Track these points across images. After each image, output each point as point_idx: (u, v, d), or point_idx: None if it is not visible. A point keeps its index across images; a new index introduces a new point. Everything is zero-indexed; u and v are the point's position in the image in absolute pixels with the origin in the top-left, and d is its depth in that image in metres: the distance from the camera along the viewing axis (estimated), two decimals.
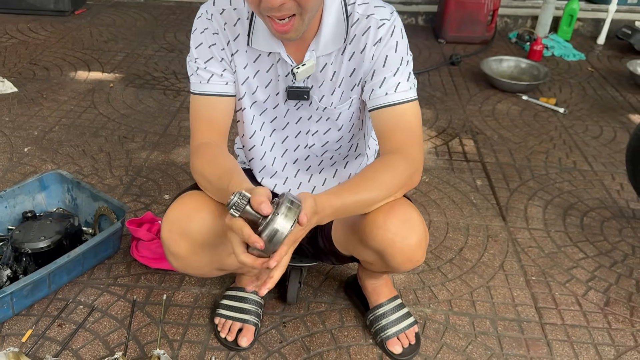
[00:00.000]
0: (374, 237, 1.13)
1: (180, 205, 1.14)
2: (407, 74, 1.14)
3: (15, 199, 1.71)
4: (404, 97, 1.13)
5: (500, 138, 2.51)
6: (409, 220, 1.13)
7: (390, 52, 1.12)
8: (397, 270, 1.21)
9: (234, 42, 1.16)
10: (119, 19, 3.71)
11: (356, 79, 1.17)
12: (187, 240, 1.12)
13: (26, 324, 1.45)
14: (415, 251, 1.15)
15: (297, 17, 1.00)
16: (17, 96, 2.61)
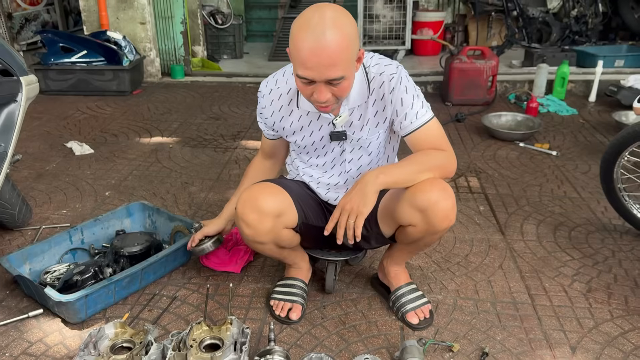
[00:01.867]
0: (421, 198, 1.52)
1: (249, 190, 1.62)
2: (421, 103, 1.57)
3: (109, 222, 2.19)
4: (425, 119, 1.57)
5: (500, 176, 2.93)
6: (446, 189, 1.55)
7: (403, 95, 1.56)
8: (435, 228, 1.57)
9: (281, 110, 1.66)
10: (171, 97, 4.36)
11: (380, 119, 1.62)
12: (256, 212, 1.57)
13: (123, 310, 1.86)
14: (450, 211, 1.56)
15: (335, 103, 1.47)
16: (94, 156, 3.16)
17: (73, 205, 2.58)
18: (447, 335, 1.74)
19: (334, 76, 1.37)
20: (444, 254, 2.21)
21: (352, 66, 1.42)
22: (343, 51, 1.35)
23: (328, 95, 1.41)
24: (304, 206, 1.72)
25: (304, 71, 1.37)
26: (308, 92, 1.43)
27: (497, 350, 1.68)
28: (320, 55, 1.32)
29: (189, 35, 5.09)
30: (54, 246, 2.02)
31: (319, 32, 1.31)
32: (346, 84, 1.42)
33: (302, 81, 1.41)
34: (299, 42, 1.34)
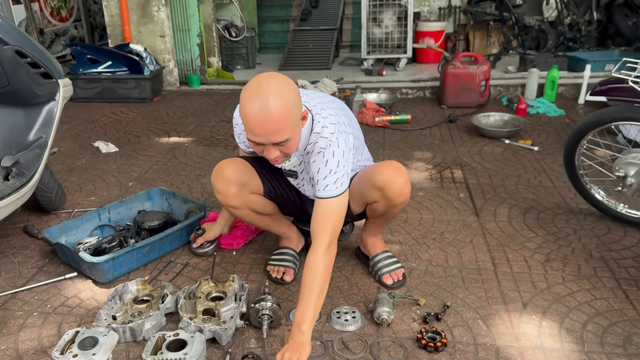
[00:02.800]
0: (379, 178, 1.85)
1: (219, 163, 1.99)
2: (334, 179, 1.70)
3: (132, 204, 2.54)
4: (329, 195, 1.70)
5: (483, 168, 3.23)
6: (399, 169, 1.87)
7: (322, 166, 1.72)
8: (393, 202, 1.88)
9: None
10: (188, 103, 4.74)
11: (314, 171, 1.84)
12: (222, 180, 1.94)
13: (144, 273, 2.20)
14: (404, 187, 1.87)
15: (284, 157, 1.70)
16: (119, 154, 3.54)
17: (101, 193, 2.95)
18: (416, 294, 2.04)
19: (279, 140, 1.56)
20: (422, 231, 2.51)
21: (296, 127, 1.60)
22: (286, 118, 1.52)
23: (277, 153, 1.62)
24: (270, 179, 2.05)
25: (253, 136, 1.56)
26: (259, 150, 1.64)
27: (457, 305, 1.98)
28: (264, 125, 1.51)
29: (204, 47, 5.49)
30: (85, 222, 2.38)
31: (264, 104, 1.49)
32: (292, 143, 1.62)
33: (252, 143, 1.61)
34: (246, 112, 1.52)
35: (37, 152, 2.29)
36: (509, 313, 1.93)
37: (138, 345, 1.80)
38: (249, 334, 1.84)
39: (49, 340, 1.83)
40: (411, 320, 1.90)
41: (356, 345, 1.78)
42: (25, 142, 2.32)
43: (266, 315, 1.81)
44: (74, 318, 1.94)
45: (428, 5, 6.46)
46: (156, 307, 1.89)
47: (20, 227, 2.57)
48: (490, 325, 1.87)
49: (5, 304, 2.02)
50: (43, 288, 2.12)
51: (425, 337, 1.77)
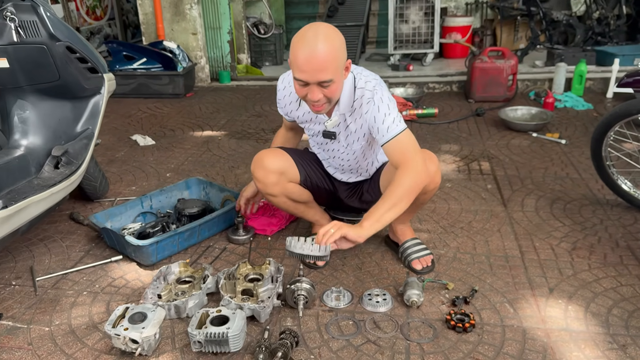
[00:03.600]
0: None
1: (259, 153, 2.08)
2: (392, 119, 1.84)
3: (171, 192, 2.67)
4: (394, 133, 1.83)
5: (511, 160, 3.27)
6: (430, 157, 1.95)
7: (375, 113, 1.86)
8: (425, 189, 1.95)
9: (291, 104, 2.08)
10: (219, 98, 4.88)
11: (360, 132, 1.98)
12: (262, 169, 2.03)
13: (184, 257, 2.33)
14: (435, 174, 1.95)
15: (326, 104, 1.84)
16: (156, 146, 3.69)
17: (140, 183, 3.10)
18: (445, 278, 2.12)
19: (324, 79, 1.68)
20: (450, 221, 2.58)
21: (340, 73, 1.73)
22: (332, 58, 1.66)
23: (320, 95, 1.74)
24: (307, 168, 2.17)
25: (300, 74, 1.69)
26: (303, 93, 1.76)
27: (485, 290, 2.05)
28: (312, 61, 1.65)
29: (234, 44, 5.62)
30: (129, 209, 2.52)
31: (314, 43, 1.64)
32: (334, 86, 1.73)
33: (298, 83, 1.73)
34: (296, 51, 1.66)
35: (85, 143, 2.43)
36: (535, 297, 1.99)
37: (182, 321, 1.92)
38: (284, 313, 1.95)
39: (99, 316, 1.96)
40: (440, 303, 1.98)
41: (387, 325, 1.87)
42: (73, 133, 2.46)
43: (302, 296, 1.91)
44: (121, 297, 2.07)
45: (455, 1, 6.48)
46: (198, 287, 2.01)
47: (66, 214, 2.73)
48: (517, 308, 1.94)
49: (57, 284, 2.17)
50: (91, 270, 2.26)
51: (454, 318, 1.85)
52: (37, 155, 2.36)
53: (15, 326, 1.92)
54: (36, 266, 2.29)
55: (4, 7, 2.17)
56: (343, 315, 1.92)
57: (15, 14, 2.17)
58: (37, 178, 2.28)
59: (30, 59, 2.26)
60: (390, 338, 1.80)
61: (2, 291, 2.13)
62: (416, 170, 1.82)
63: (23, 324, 1.93)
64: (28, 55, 2.25)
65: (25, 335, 1.88)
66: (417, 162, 1.83)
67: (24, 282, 2.18)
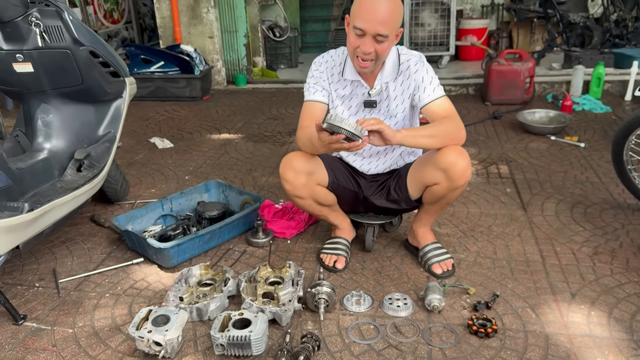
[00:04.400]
0: (443, 160, 1.93)
1: (288, 155, 2.08)
2: (437, 83, 2.01)
3: (191, 195, 2.69)
4: (439, 94, 1.99)
5: (529, 164, 3.25)
6: (462, 152, 1.95)
7: (424, 74, 2.00)
8: (455, 183, 1.96)
9: (331, 77, 2.09)
10: (235, 101, 4.91)
11: (405, 94, 2.05)
12: (291, 170, 2.03)
13: (205, 259, 2.34)
14: (466, 168, 1.95)
15: (373, 61, 1.91)
16: (174, 149, 3.72)
17: (160, 186, 3.12)
18: (465, 283, 2.11)
19: (382, 32, 1.79)
20: (469, 225, 2.57)
21: (394, 33, 1.85)
22: (393, 15, 1.80)
23: (371, 49, 1.84)
24: (334, 170, 2.16)
25: (360, 22, 1.80)
26: (357, 44, 1.85)
27: (507, 295, 2.04)
28: (376, 12, 1.77)
29: (250, 48, 5.65)
30: (149, 212, 2.54)
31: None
32: (386, 45, 1.85)
33: (355, 33, 1.83)
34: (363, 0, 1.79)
35: (107, 146, 2.46)
36: (557, 303, 1.98)
37: (204, 324, 1.93)
38: (305, 316, 1.95)
39: (122, 318, 1.98)
40: (461, 308, 1.97)
41: (408, 329, 1.87)
42: (95, 137, 2.49)
43: (322, 299, 1.92)
44: (142, 299, 2.09)
45: (471, 3, 6.45)
46: (219, 290, 2.02)
47: (87, 216, 2.76)
48: (540, 313, 1.93)
49: (79, 286, 2.19)
50: (113, 272, 2.28)
51: (476, 323, 1.85)
52: (60, 158, 2.39)
53: (40, 327, 1.95)
54: (59, 268, 2.31)
55: (30, 12, 2.20)
56: (364, 320, 1.92)
57: (40, 19, 2.21)
58: (60, 181, 2.31)
59: (54, 63, 2.29)
60: (412, 343, 1.80)
61: (26, 293, 2.16)
62: (459, 124, 1.96)
63: (47, 325, 1.96)
64: (52, 59, 2.28)
65: (50, 336, 1.90)
66: (460, 121, 1.97)
67: (47, 283, 2.21)
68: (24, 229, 1.89)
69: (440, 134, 1.93)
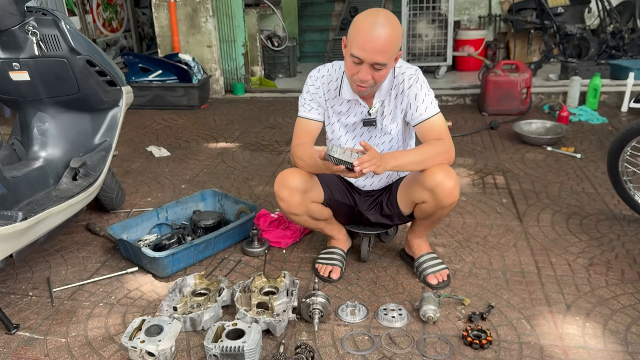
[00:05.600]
0: (429, 179, 1.93)
1: (282, 172, 2.05)
2: (430, 100, 1.98)
3: (187, 204, 2.69)
4: (432, 113, 1.97)
5: (525, 174, 3.26)
6: (449, 172, 1.95)
7: (417, 91, 1.98)
8: (442, 203, 1.96)
9: (327, 93, 2.09)
10: (233, 110, 4.92)
11: (399, 110, 2.04)
12: (287, 189, 2.01)
13: (200, 269, 2.34)
14: (453, 188, 1.94)
15: (370, 86, 1.88)
16: (171, 158, 3.72)
17: (156, 194, 3.12)
18: (460, 294, 2.11)
19: (380, 61, 1.76)
20: (465, 235, 2.57)
21: (393, 59, 1.82)
22: (392, 44, 1.75)
23: (369, 77, 1.82)
24: (330, 185, 2.15)
25: (358, 51, 1.75)
26: (354, 71, 1.82)
27: (502, 306, 2.03)
28: (374, 42, 1.72)
29: (249, 57, 5.67)
30: (145, 221, 2.54)
31: (379, 25, 1.72)
32: (384, 72, 1.83)
33: (353, 60, 1.79)
34: (361, 28, 1.74)
35: (102, 155, 2.46)
36: (552, 314, 1.97)
37: (197, 334, 1.92)
38: (300, 326, 1.95)
39: (115, 328, 1.97)
40: (456, 318, 1.97)
41: (403, 340, 1.86)
42: (91, 145, 2.49)
43: (317, 310, 1.91)
44: (136, 309, 2.08)
45: (468, 14, 6.50)
46: (213, 300, 2.02)
47: (83, 224, 2.75)
48: (535, 325, 1.92)
49: (73, 295, 2.18)
50: (107, 281, 2.27)
51: (471, 334, 1.84)
52: (56, 166, 2.39)
53: (32, 337, 1.94)
54: (53, 277, 2.31)
55: (27, 21, 2.21)
56: (358, 330, 1.91)
57: (37, 28, 2.22)
58: (55, 189, 2.30)
59: (50, 72, 2.29)
60: (406, 354, 1.79)
61: (19, 302, 2.14)
62: (449, 146, 1.95)
63: (40, 335, 1.95)
64: (49, 68, 2.28)
65: (42, 346, 1.89)
66: (450, 142, 1.96)
67: (41, 292, 2.20)
68: (17, 237, 1.88)
69: (430, 158, 1.91)
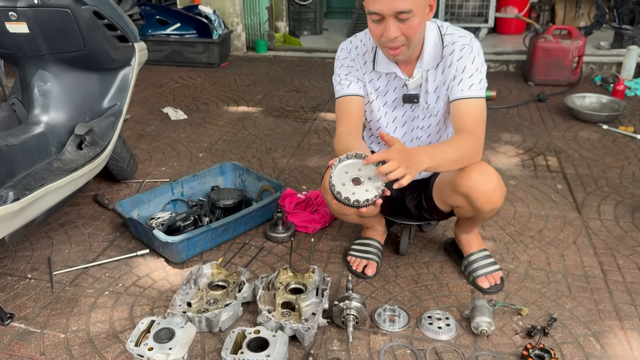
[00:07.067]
0: (462, 184, 1.64)
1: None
2: (479, 79, 1.63)
3: (205, 178, 2.41)
4: (475, 94, 1.61)
5: (581, 156, 2.91)
6: (486, 173, 1.64)
7: (468, 63, 1.63)
8: (480, 211, 1.68)
9: (364, 66, 1.76)
10: (255, 70, 4.58)
11: (445, 87, 1.70)
12: None
13: (217, 255, 2.08)
14: (492, 194, 1.64)
15: (405, 47, 1.56)
16: (188, 121, 3.42)
17: (171, 163, 2.85)
18: (516, 301, 1.82)
19: (401, 8, 1.44)
20: (518, 227, 2.27)
21: (422, 7, 1.48)
22: None
23: (397, 33, 1.48)
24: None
25: (374, 5, 1.46)
26: (379, 32, 1.51)
27: (565, 318, 1.75)
28: None
29: (273, 11, 5.27)
30: (158, 196, 2.27)
31: None
32: (415, 22, 1.48)
33: (372, 19, 1.49)
34: None
35: (112, 120, 2.17)
36: (625, 331, 1.69)
37: (214, 336, 1.68)
38: (331, 333, 1.69)
39: (121, 323, 1.74)
40: (513, 332, 1.69)
41: (452, 357, 1.60)
42: (99, 109, 2.21)
43: (351, 316, 1.65)
44: (146, 300, 1.84)
45: None
46: (233, 296, 1.76)
47: (90, 195, 2.50)
48: (605, 344, 1.64)
49: (75, 280, 1.95)
50: (114, 264, 2.03)
51: (532, 354, 1.57)
52: (59, 133, 2.12)
53: (28, 330, 1.71)
54: (54, 257, 2.07)
55: None
56: (399, 342, 1.65)
57: None
58: (57, 160, 2.04)
59: (52, 24, 1.99)
60: None
61: (16, 285, 1.92)
62: (479, 147, 1.63)
63: (36, 327, 1.72)
64: (50, 19, 1.98)
65: (39, 341, 1.66)
66: (482, 141, 1.64)
67: (41, 275, 1.97)
68: (8, 220, 1.63)
69: (462, 158, 1.59)
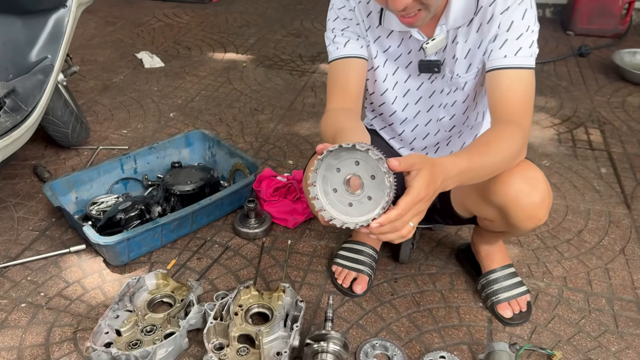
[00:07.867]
0: (496, 192, 1.17)
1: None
2: (530, 42, 1.14)
3: (165, 151, 1.96)
4: (523, 63, 1.13)
5: (630, 130, 2.40)
6: (533, 178, 1.17)
7: (517, 18, 1.13)
8: (517, 228, 1.23)
9: (367, 19, 1.25)
10: (251, 7, 4.00)
11: (482, 50, 1.20)
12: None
13: (170, 255, 1.66)
14: (537, 209, 1.17)
15: (422, 11, 1.06)
16: (164, 70, 2.93)
17: (135, 125, 2.39)
18: (546, 338, 1.40)
19: None
20: (551, 226, 1.81)
21: None
22: None
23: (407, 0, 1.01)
24: None
25: None
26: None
27: None
28: None
29: None
30: (103, 174, 1.83)
31: None
32: None
33: None
34: None
35: (39, 79, 1.71)
36: None
37: None
38: None
39: (31, 354, 1.35)
40: None
41: None
42: (25, 64, 1.74)
43: None
44: (70, 319, 1.44)
45: None
46: (175, 323, 1.35)
47: (31, 165, 2.07)
48: None
49: None
50: (40, 264, 1.63)
51: None
52: None
53: None
54: None
55: None
56: None
57: None
58: None
59: None
60: None
61: None
62: (525, 139, 1.14)
63: None
64: None
65: None
66: (528, 128, 1.15)
67: None
68: None
69: (504, 164, 1.12)
